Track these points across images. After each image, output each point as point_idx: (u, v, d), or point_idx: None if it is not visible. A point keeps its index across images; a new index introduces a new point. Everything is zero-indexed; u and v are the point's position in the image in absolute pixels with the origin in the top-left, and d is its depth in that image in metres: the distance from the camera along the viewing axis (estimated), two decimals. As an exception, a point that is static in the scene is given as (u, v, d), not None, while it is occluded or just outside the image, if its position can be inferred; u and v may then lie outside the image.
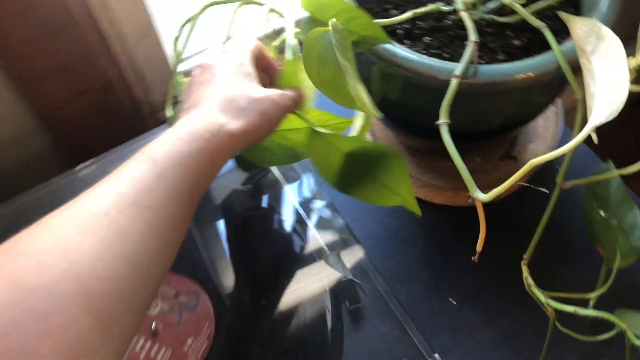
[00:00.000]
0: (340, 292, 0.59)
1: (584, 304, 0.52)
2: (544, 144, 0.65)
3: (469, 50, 0.47)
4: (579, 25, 0.39)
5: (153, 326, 0.55)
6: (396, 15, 0.54)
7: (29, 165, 0.74)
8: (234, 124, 0.41)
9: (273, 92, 0.44)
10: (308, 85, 0.46)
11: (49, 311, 0.27)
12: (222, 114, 0.41)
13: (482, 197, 0.41)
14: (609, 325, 0.55)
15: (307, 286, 0.59)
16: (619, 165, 0.50)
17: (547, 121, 0.67)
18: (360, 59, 0.46)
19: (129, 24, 0.70)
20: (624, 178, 0.54)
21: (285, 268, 0.60)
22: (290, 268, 0.59)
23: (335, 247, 0.61)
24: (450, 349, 0.58)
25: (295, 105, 0.47)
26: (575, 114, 0.44)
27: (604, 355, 0.57)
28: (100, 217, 0.32)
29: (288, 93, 0.46)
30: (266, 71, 0.51)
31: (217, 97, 0.42)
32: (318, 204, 0.65)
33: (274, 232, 0.65)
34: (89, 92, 0.69)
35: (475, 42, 0.48)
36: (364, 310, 0.57)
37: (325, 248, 0.61)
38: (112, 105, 0.72)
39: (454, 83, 0.45)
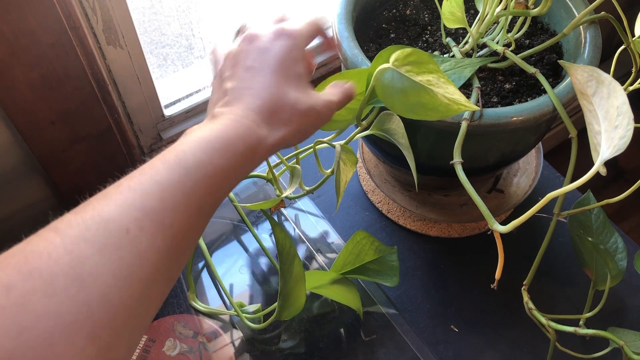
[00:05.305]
0: (355, 323, 0.61)
1: (574, 323, 0.56)
2: (527, 177, 0.71)
3: (474, 95, 0.52)
4: (579, 72, 0.44)
5: (173, 368, 0.55)
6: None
7: (22, 212, 0.74)
8: (273, 136, 0.39)
9: (320, 102, 0.43)
10: None
11: (55, 341, 0.26)
12: (263, 124, 0.39)
13: (501, 228, 0.44)
14: (602, 343, 0.60)
15: (323, 319, 0.61)
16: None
17: (528, 156, 0.73)
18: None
19: (125, 72, 0.72)
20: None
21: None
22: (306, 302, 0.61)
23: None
24: (456, 375, 0.61)
25: (341, 107, 0.46)
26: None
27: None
28: (121, 234, 0.30)
29: (334, 97, 0.44)
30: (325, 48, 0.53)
31: (261, 101, 0.40)
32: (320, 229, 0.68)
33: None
34: (88, 138, 0.69)
35: (478, 87, 0.52)
36: (378, 341, 0.59)
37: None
38: (108, 151, 0.73)
39: (464, 126, 0.49)
